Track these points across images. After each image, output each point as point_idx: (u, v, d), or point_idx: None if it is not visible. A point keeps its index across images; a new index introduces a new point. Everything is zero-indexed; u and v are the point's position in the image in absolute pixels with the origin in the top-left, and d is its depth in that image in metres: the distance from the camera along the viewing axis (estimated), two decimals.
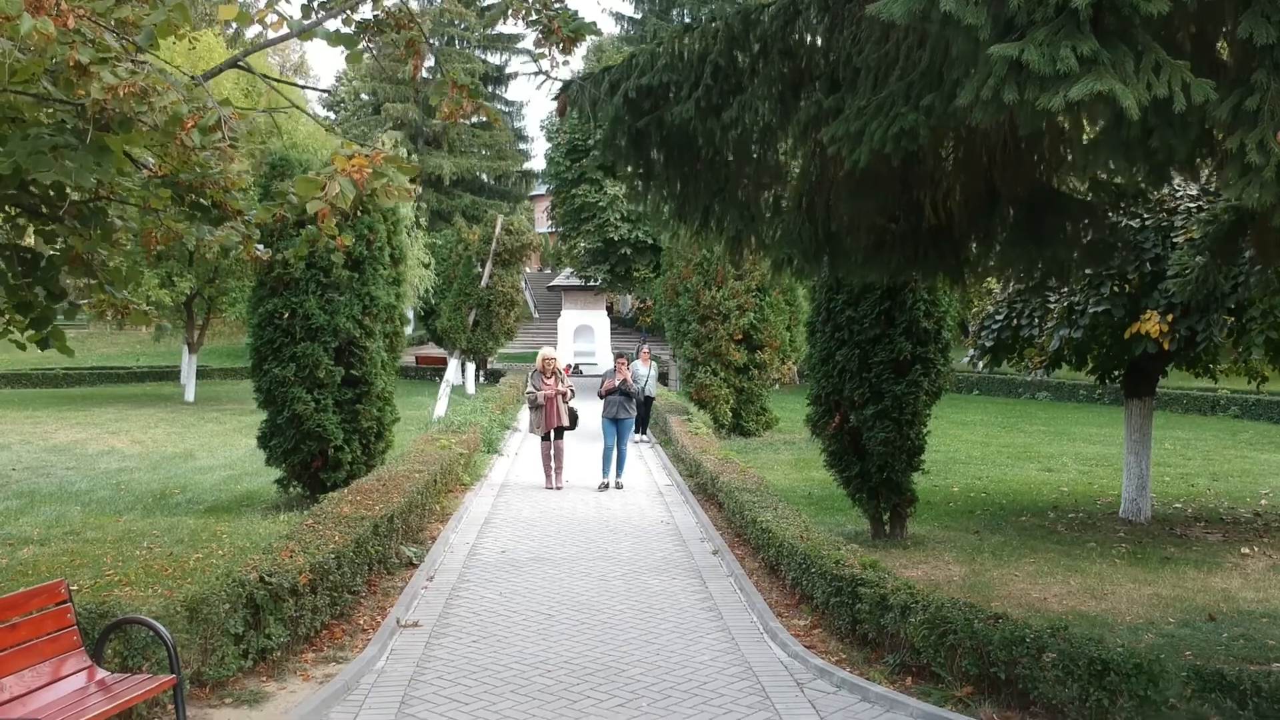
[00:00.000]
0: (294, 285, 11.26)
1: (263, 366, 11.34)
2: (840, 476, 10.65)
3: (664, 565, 9.41)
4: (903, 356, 9.99)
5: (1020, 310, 12.05)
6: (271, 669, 6.34)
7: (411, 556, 9.18)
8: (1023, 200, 5.46)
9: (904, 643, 6.25)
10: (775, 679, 6.37)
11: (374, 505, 8.80)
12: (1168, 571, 9.21)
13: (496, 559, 9.59)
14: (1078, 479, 15.23)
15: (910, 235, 5.97)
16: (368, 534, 7.89)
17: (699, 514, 11.81)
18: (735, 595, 8.39)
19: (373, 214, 11.66)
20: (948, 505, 12.78)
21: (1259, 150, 2.85)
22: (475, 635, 7.22)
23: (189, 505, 12.01)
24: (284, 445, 11.36)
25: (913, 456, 10.31)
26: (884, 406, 10.04)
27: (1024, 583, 8.83)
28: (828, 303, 10.43)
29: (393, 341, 12.18)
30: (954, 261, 6.09)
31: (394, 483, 10.01)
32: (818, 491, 13.54)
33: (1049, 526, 11.54)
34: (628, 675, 6.37)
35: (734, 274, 19.78)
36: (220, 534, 10.14)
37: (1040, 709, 5.43)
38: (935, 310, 10.18)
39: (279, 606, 6.37)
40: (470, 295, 22.54)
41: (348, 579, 7.34)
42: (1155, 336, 10.03)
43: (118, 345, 47.95)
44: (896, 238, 6.00)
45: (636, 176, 6.05)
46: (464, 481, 13.50)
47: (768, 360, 20.02)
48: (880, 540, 10.48)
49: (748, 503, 9.98)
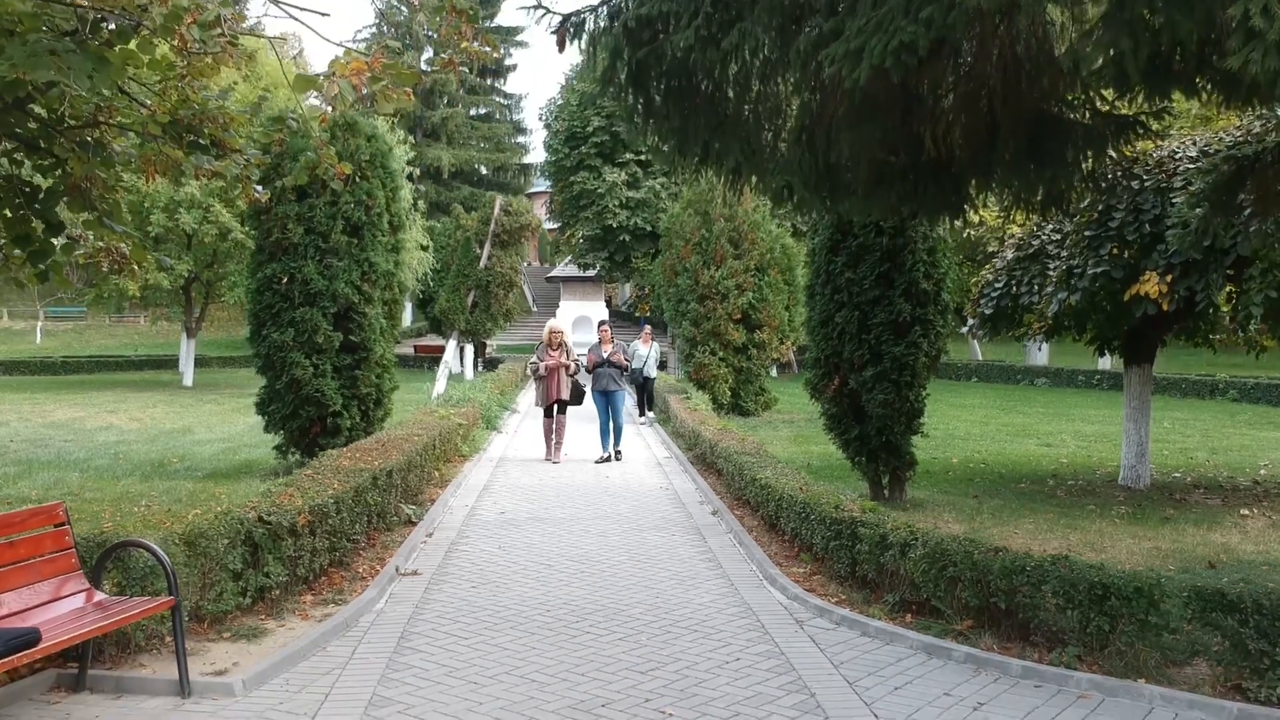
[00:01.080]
0: (293, 250, 11.24)
1: (261, 332, 11.32)
2: (839, 439, 10.64)
3: (663, 524, 9.41)
4: (902, 318, 9.98)
5: (1020, 278, 12.04)
6: (270, 608, 6.33)
7: (410, 515, 9.17)
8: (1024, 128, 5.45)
9: (904, 580, 6.24)
10: (774, 617, 6.36)
11: (373, 461, 8.79)
12: (1168, 529, 9.20)
13: (495, 519, 9.58)
14: (1076, 452, 15.22)
15: (911, 169, 5.96)
16: (367, 484, 7.88)
17: (698, 481, 11.80)
18: (735, 549, 8.38)
19: (371, 180, 11.65)
20: (947, 474, 12.77)
21: (1263, 15, 2.83)
22: (475, 582, 7.21)
23: (187, 472, 11.99)
24: (282, 410, 11.34)
25: (912, 419, 10.30)
26: (883, 368, 10.03)
27: (1023, 539, 8.81)
28: (827, 265, 10.42)
29: (391, 309, 12.15)
30: (954, 197, 6.08)
31: (393, 444, 9.99)
32: (816, 462, 13.52)
33: (1048, 492, 11.53)
34: (628, 614, 6.36)
35: (733, 253, 19.77)
36: (219, 494, 10.12)
37: (1040, 638, 5.43)
38: (935, 272, 10.18)
39: (278, 545, 6.35)
40: (469, 276, 22.50)
41: (346, 525, 7.32)
42: (1154, 298, 10.02)
43: (116, 337, 48.02)
44: (897, 171, 5.99)
45: (636, 112, 6.03)
46: (463, 453, 13.49)
47: (766, 340, 20.00)
48: (879, 503, 10.45)
49: (747, 464, 9.97)
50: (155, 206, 23.09)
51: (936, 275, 10.18)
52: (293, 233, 11.19)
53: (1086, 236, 10.72)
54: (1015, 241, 12.47)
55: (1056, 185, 5.75)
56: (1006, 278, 12.19)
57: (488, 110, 56.31)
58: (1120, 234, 10.36)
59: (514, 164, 56.60)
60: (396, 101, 4.62)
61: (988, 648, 5.52)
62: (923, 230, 10.14)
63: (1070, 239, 11.05)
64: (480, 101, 55.65)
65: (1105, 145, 5.43)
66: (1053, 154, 5.54)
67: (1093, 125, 5.41)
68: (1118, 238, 10.40)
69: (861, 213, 6.39)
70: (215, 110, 6.15)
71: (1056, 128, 5.54)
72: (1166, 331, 12.24)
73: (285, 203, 11.25)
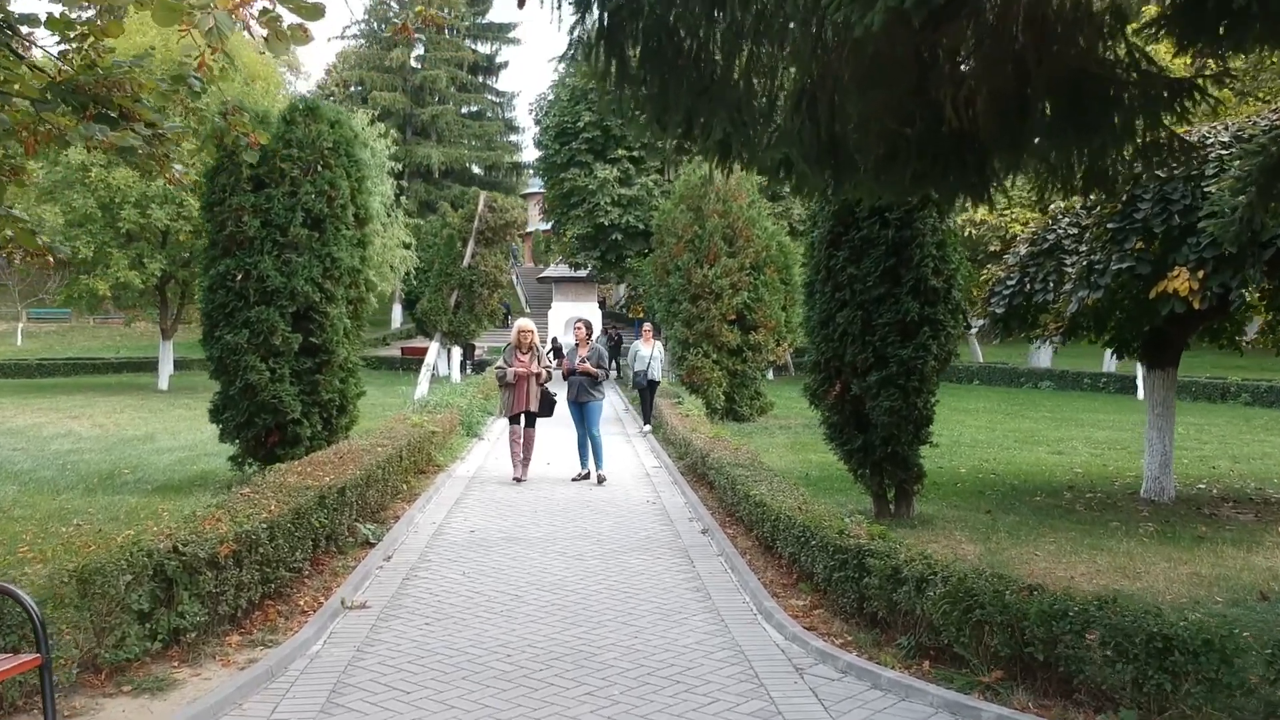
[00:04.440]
0: (248, 244, 10.35)
1: (214, 333, 10.44)
2: (841, 450, 9.78)
3: (647, 544, 8.54)
4: (909, 318, 9.13)
5: (1034, 274, 11.19)
6: (186, 652, 5.46)
7: (368, 535, 8.29)
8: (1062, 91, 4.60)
9: (920, 621, 5.38)
10: (770, 663, 5.49)
11: (325, 476, 7.91)
12: (1204, 550, 8.35)
13: (464, 539, 8.70)
14: (1090, 461, 14.37)
15: (928, 142, 5.09)
16: (310, 504, 6.99)
17: (688, 494, 10.93)
18: (726, 575, 7.51)
19: (334, 169, 10.77)
20: (955, 486, 11.91)
21: None
22: (429, 617, 6.34)
23: (136, 485, 11.10)
24: (237, 419, 10.45)
25: (920, 428, 9.46)
26: (889, 373, 9.19)
27: (1046, 561, 7.96)
28: (827, 260, 9.57)
29: (357, 308, 11.26)
30: (977, 175, 5.21)
31: (352, 455, 9.12)
32: (815, 473, 12.66)
33: (1066, 506, 10.68)
34: (600, 660, 5.49)
35: (727, 251, 18.88)
36: (161, 512, 9.24)
37: (1086, 696, 4.56)
38: (945, 267, 9.32)
39: (195, 580, 5.48)
40: (452, 275, 21.59)
41: (283, 553, 6.44)
42: (1184, 295, 9.17)
43: (99, 339, 47.01)
44: (912, 145, 5.11)
45: (608, 76, 5.16)
46: (438, 462, 12.61)
47: (762, 341, 19.10)
48: (885, 520, 9.60)
49: (740, 478, 9.10)
50: (126, 202, 22.16)
51: (947, 271, 9.33)
52: (248, 225, 10.30)
53: (1109, 229, 9.87)
54: (1029, 236, 11.63)
55: (1101, 160, 4.89)
56: (1019, 275, 11.34)
57: (479, 108, 55.38)
58: (1146, 226, 9.51)
59: (506, 162, 55.69)
60: (292, 39, 3.76)
61: (1022, 706, 4.65)
62: (931, 222, 9.29)
63: (1091, 232, 10.20)
64: (471, 99, 54.71)
65: (1159, 110, 4.58)
66: (1097, 122, 4.68)
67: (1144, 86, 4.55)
68: (1143, 230, 9.55)
69: (870, 194, 5.55)
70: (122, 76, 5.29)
71: (1101, 90, 4.67)
72: (1191, 332, 11.39)
73: (240, 193, 10.38)
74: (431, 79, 51.64)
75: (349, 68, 52.35)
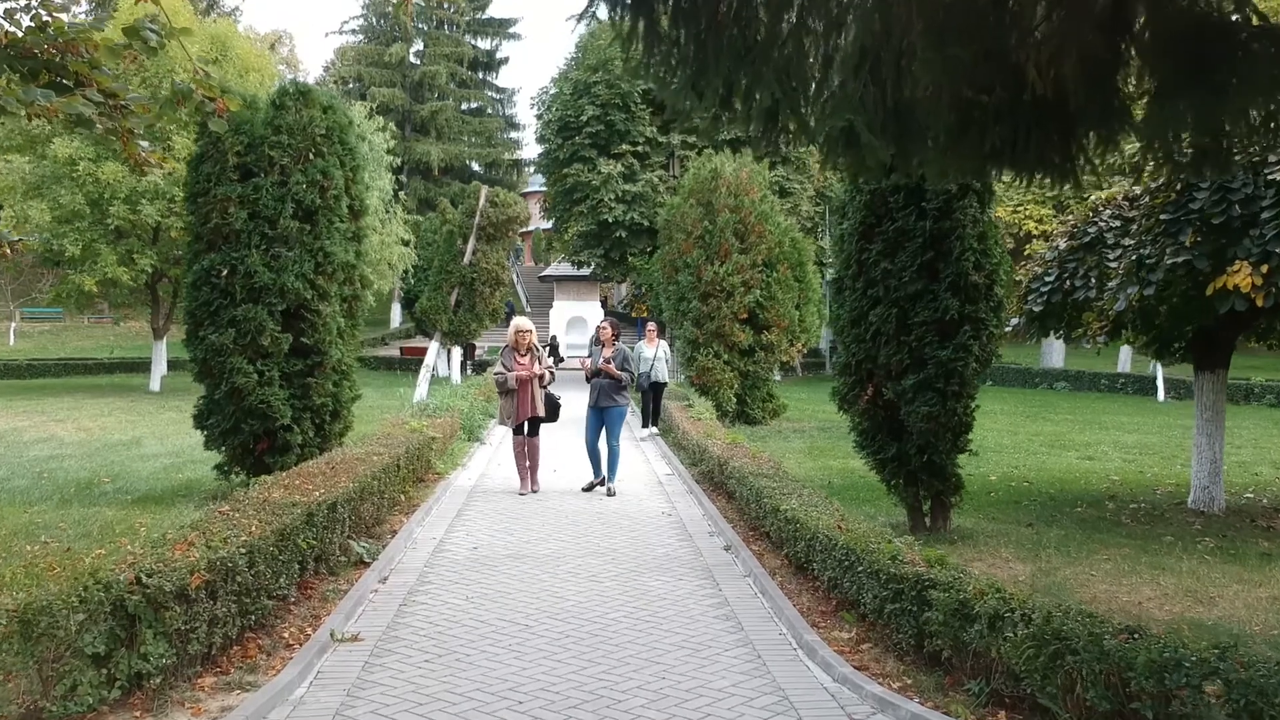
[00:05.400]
0: (234, 238, 9.65)
1: (198, 333, 9.73)
2: (872, 459, 9.08)
3: (667, 563, 7.83)
4: (949, 316, 8.44)
5: (1074, 270, 10.50)
6: (149, 700, 4.74)
7: (363, 554, 7.59)
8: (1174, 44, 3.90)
9: (995, 664, 4.67)
10: (820, 712, 4.79)
11: (314, 490, 7.21)
12: (1274, 569, 7.66)
13: (467, 556, 8.00)
14: (1124, 467, 13.67)
15: (1007, 111, 4.39)
16: (297, 524, 6.28)
17: (705, 505, 10.22)
18: (756, 600, 6.80)
19: (327, 157, 10.06)
20: (988, 495, 11.21)
21: None
22: (429, 652, 5.63)
23: (116, 495, 10.39)
24: (222, 425, 9.75)
25: (959, 435, 8.77)
26: (926, 375, 8.49)
27: (1105, 583, 7.27)
28: (859, 254, 8.87)
29: (351, 306, 10.54)
30: (1062, 150, 4.52)
31: (345, 465, 8.41)
32: (838, 481, 11.97)
33: (1111, 518, 9.99)
34: (625, 709, 4.79)
35: (738, 247, 18.14)
36: (139, 527, 8.55)
37: None
38: (986, 262, 8.63)
39: (160, 617, 4.77)
40: (452, 273, 20.84)
41: (265, 580, 5.73)
42: (1246, 291, 8.48)
43: (93, 339, 46.22)
44: (989, 114, 4.42)
45: (634, 38, 4.46)
46: (438, 470, 11.89)
47: (775, 341, 18.37)
48: (920, 534, 8.92)
49: (766, 489, 8.39)
50: (116, 198, 21.43)
51: (989, 265, 8.63)
52: (234, 218, 9.60)
53: (1162, 221, 9.17)
54: (1068, 229, 10.93)
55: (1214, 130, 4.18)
56: (1058, 270, 10.65)
57: (479, 104, 54.60)
58: (1203, 218, 8.81)
59: (506, 160, 54.92)
60: None
61: None
62: (972, 212, 8.60)
63: (1141, 224, 9.50)
64: (471, 95, 53.93)
65: None
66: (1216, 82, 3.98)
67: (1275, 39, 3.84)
68: (1200, 222, 8.85)
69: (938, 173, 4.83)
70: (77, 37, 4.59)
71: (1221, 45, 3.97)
72: (1244, 330, 10.70)
73: (225, 183, 9.67)
74: (431, 75, 50.89)
75: (347, 63, 51.63)
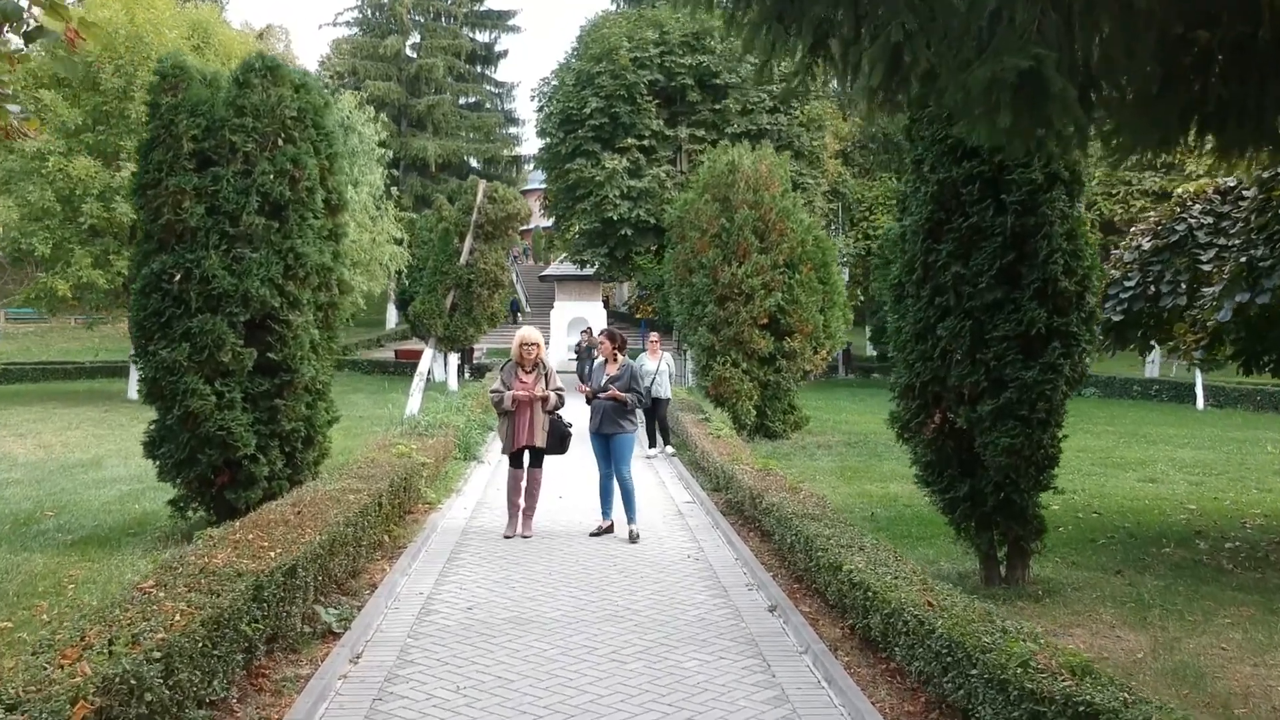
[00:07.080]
0: (189, 237, 8.30)
1: (148, 348, 8.37)
2: (940, 499, 7.71)
3: (701, 630, 6.45)
4: (1035, 330, 7.09)
5: (1160, 274, 9.16)
6: None
7: (330, 622, 6.21)
8: None
9: None
10: None
11: (271, 548, 5.84)
12: None
13: (459, 621, 6.62)
14: (1194, 492, 12.31)
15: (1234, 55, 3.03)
16: (239, 605, 4.91)
17: (737, 545, 8.85)
18: (822, 691, 5.42)
19: (299, 143, 8.70)
20: (1057, 530, 9.83)
21: None
22: None
23: (55, 533, 9.02)
24: (176, 454, 8.38)
25: (1043, 470, 7.43)
26: (1007, 400, 7.14)
27: (1245, 661, 5.91)
28: (925, 255, 7.50)
29: (328, 315, 9.18)
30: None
31: (315, 508, 7.05)
32: (881, 511, 10.61)
33: (1209, 562, 8.64)
34: None
35: (758, 247, 16.76)
36: (69, 581, 7.18)
37: None
38: (1077, 265, 7.27)
39: None
40: (448, 274, 19.46)
41: (193, 688, 4.35)
42: None
43: (79, 340, 44.76)
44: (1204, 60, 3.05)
45: None
46: (428, 499, 10.52)
47: (798, 349, 16.96)
48: (996, 586, 7.56)
49: (818, 538, 7.02)
50: (89, 194, 20.05)
51: (1080, 270, 7.28)
52: (189, 213, 8.24)
53: None
54: (1151, 228, 9.57)
55: None
56: (1140, 274, 9.31)
57: (477, 99, 53.21)
58: None
59: (505, 155, 53.55)
60: None
61: None
62: (1060, 206, 7.24)
63: (1250, 220, 8.14)
64: (469, 89, 52.53)
65: None
66: None
67: None
68: None
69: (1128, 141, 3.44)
70: None
71: None
72: None
73: (179, 172, 8.30)
74: (428, 68, 49.49)
75: (342, 57, 50.26)
